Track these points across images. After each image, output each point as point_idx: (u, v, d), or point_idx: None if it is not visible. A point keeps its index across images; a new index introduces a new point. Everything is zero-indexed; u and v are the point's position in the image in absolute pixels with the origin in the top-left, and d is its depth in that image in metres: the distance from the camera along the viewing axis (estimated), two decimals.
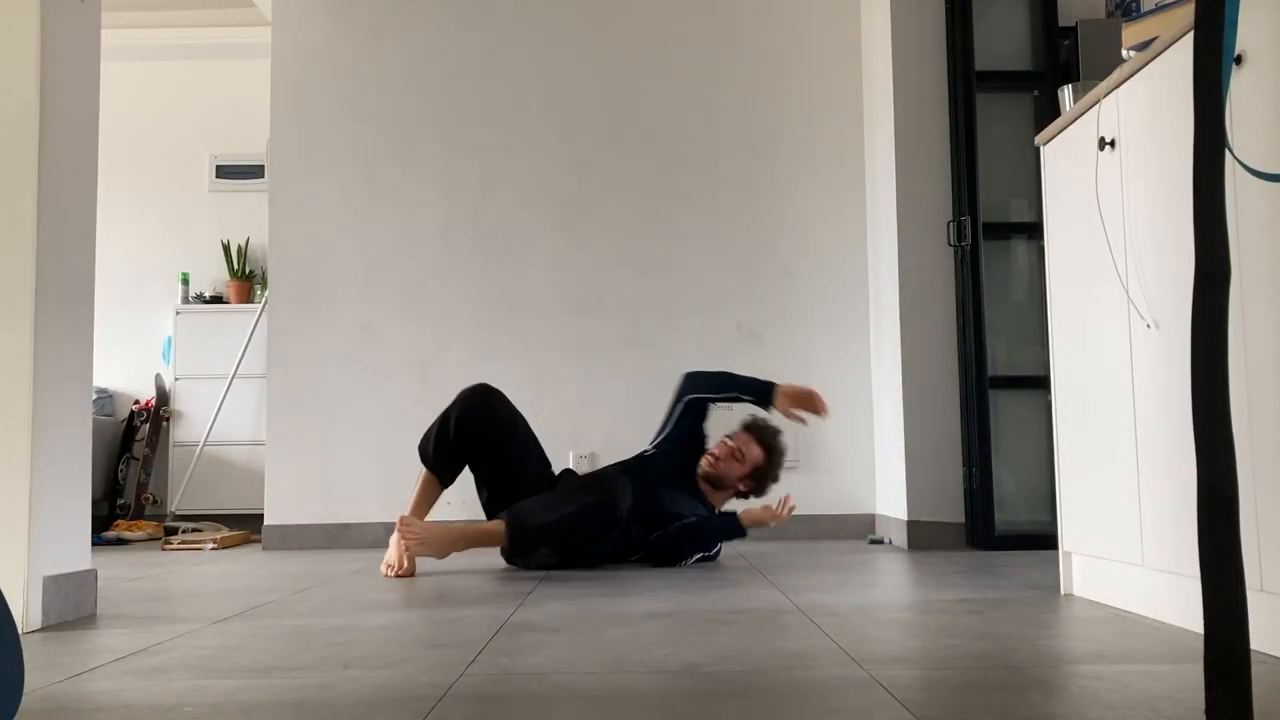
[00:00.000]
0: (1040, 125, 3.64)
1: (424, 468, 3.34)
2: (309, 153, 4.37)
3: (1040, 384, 3.57)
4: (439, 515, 3.48)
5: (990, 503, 3.59)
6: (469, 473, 3.40)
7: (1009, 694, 1.43)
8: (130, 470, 5.11)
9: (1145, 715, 1.30)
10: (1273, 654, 1.67)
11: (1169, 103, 1.97)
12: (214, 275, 5.35)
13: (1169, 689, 1.44)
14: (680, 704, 1.40)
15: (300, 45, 4.41)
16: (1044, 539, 3.45)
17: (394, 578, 3.06)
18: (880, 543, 3.94)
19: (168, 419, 5.11)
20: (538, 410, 4.26)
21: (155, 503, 5.11)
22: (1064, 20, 3.82)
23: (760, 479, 3.50)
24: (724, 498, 3.55)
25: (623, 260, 4.35)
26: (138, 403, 5.21)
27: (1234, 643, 1.08)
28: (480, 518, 3.48)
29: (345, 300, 4.33)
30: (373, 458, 4.25)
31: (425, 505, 3.31)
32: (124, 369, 5.31)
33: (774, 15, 4.44)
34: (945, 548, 3.67)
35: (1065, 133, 2.47)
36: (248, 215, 5.37)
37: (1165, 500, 1.99)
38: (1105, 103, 2.23)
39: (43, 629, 2.17)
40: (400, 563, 3.10)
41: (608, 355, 4.31)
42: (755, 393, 3.49)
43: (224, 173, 5.44)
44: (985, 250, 3.72)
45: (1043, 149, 2.60)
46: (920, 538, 3.73)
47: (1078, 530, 2.43)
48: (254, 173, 5.39)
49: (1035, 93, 3.80)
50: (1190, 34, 1.83)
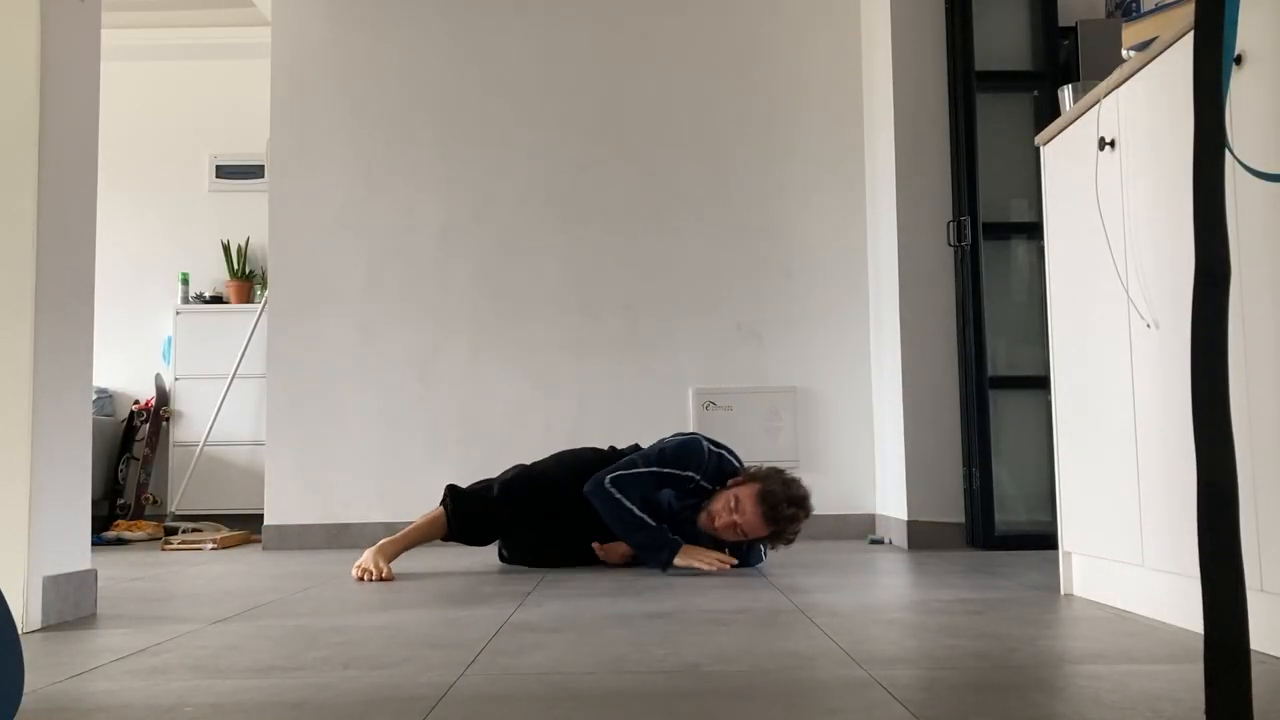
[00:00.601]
0: (1040, 125, 3.64)
1: (442, 516, 3.16)
2: (309, 153, 4.37)
3: (1040, 384, 3.56)
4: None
5: (990, 503, 3.59)
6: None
7: (1009, 694, 1.43)
8: (130, 470, 5.11)
9: (1145, 715, 1.30)
10: (1273, 654, 1.67)
11: (1169, 103, 1.97)
12: (214, 275, 5.35)
13: (1169, 689, 1.44)
14: (680, 704, 1.40)
15: (299, 45, 4.40)
16: (1044, 539, 3.44)
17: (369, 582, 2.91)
18: (880, 543, 3.94)
19: (168, 419, 5.11)
20: (537, 410, 4.26)
21: (155, 503, 5.11)
22: (1064, 20, 3.82)
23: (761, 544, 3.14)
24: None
25: (623, 260, 4.34)
26: (138, 403, 5.21)
27: (1234, 643, 1.07)
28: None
29: (345, 300, 4.32)
30: (373, 458, 4.25)
31: (416, 544, 3.17)
32: (124, 369, 5.31)
33: (774, 15, 4.44)
34: (945, 548, 3.67)
35: (1065, 133, 2.47)
36: (248, 215, 5.36)
37: (1165, 500, 1.99)
38: (1105, 103, 2.23)
39: (43, 629, 2.17)
40: (378, 570, 2.95)
41: (608, 355, 4.31)
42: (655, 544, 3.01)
43: (224, 173, 5.44)
44: (985, 250, 3.72)
45: (1043, 149, 2.60)
46: (920, 538, 3.73)
47: (1078, 530, 2.43)
48: (254, 173, 5.39)
49: (1035, 93, 3.80)
50: (1190, 34, 1.83)
